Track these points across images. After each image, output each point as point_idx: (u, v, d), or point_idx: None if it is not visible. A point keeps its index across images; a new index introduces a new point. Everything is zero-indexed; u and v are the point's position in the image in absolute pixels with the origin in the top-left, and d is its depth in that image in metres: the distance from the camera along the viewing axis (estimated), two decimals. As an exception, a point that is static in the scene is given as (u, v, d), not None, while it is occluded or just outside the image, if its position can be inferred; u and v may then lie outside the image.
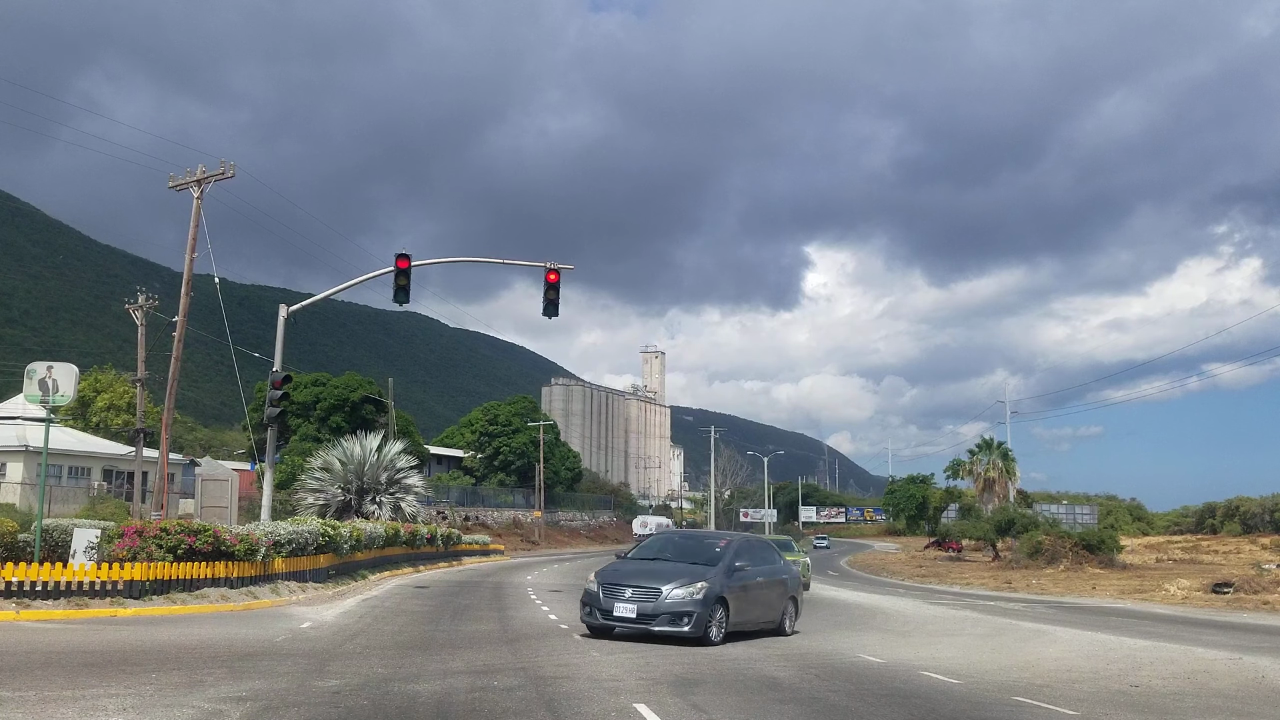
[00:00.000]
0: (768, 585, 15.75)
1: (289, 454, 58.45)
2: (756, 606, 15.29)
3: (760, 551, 16.46)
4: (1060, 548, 49.89)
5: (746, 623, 14.98)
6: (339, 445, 37.83)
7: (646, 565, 14.96)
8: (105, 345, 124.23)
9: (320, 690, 9.40)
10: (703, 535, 17.02)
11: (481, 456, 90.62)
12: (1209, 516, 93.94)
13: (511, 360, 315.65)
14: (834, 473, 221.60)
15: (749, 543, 16.55)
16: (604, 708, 8.99)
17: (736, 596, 14.50)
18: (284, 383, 24.94)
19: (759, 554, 16.21)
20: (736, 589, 14.56)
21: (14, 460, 51.15)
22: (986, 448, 72.78)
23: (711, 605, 13.76)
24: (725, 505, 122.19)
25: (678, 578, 13.91)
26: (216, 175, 28.26)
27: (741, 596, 14.69)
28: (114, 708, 8.18)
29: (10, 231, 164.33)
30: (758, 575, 15.43)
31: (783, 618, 16.19)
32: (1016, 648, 16.26)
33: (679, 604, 13.61)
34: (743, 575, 14.85)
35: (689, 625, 13.51)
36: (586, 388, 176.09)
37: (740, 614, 14.64)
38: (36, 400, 17.63)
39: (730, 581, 14.43)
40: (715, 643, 13.77)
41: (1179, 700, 10.78)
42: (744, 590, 14.79)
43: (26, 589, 15.69)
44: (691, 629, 13.52)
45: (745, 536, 17.40)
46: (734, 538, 16.19)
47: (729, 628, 14.24)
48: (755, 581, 15.27)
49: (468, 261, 34.11)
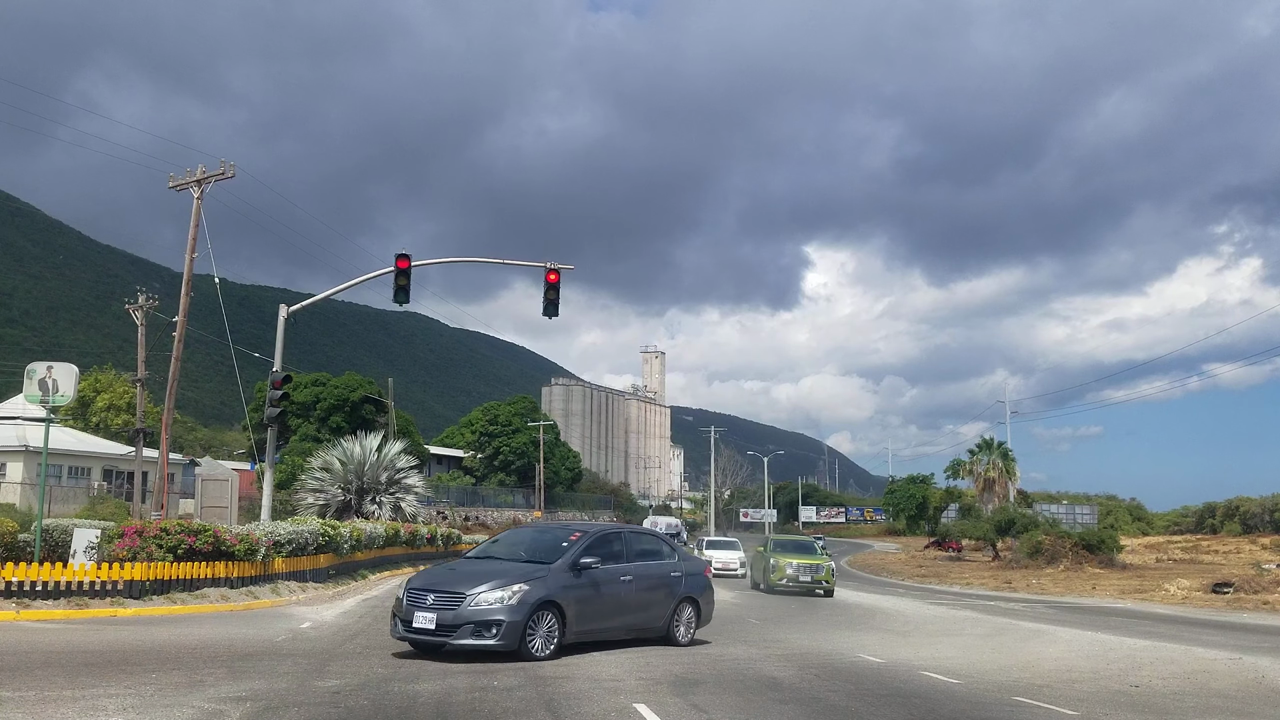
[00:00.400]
0: (642, 585, 13.45)
1: (289, 454, 58.46)
2: (621, 610, 13.10)
3: (636, 544, 14.01)
4: (1060, 548, 49.88)
5: (602, 630, 12.86)
6: (339, 445, 37.80)
7: (474, 566, 12.91)
8: (105, 345, 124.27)
9: (320, 690, 9.40)
10: (558, 528, 14.49)
11: (481, 456, 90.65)
12: (1209, 516, 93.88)
13: (511, 360, 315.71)
14: (834, 473, 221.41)
15: (614, 536, 13.90)
16: (604, 708, 8.99)
17: (581, 599, 12.30)
18: (284, 383, 24.94)
19: (632, 548, 13.77)
20: (581, 590, 12.35)
21: (14, 460, 51.17)
22: (986, 448, 72.79)
23: (532, 612, 11.53)
24: (725, 505, 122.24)
25: (493, 579, 11.71)
26: (216, 175, 28.28)
27: (590, 600, 12.50)
28: (114, 708, 8.18)
29: (10, 231, 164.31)
30: (624, 574, 13.14)
31: (670, 623, 13.91)
32: (1016, 648, 16.27)
33: (485, 611, 11.37)
34: (593, 574, 12.57)
35: (497, 637, 11.29)
36: (586, 388, 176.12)
37: (589, 620, 12.49)
38: (36, 400, 17.63)
39: (573, 582, 12.26)
40: (541, 657, 11.55)
41: (1179, 700, 10.78)
42: (594, 591, 12.59)
43: (26, 589, 15.69)
44: (500, 641, 11.30)
45: (612, 528, 14.87)
46: (593, 529, 13.74)
47: (570, 638, 12.11)
48: (619, 580, 13.02)
49: (467, 261, 34.12)
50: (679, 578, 14.20)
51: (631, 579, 13.26)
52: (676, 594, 14.05)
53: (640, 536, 14.89)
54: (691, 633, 14.29)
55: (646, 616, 13.62)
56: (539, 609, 11.68)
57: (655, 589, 13.74)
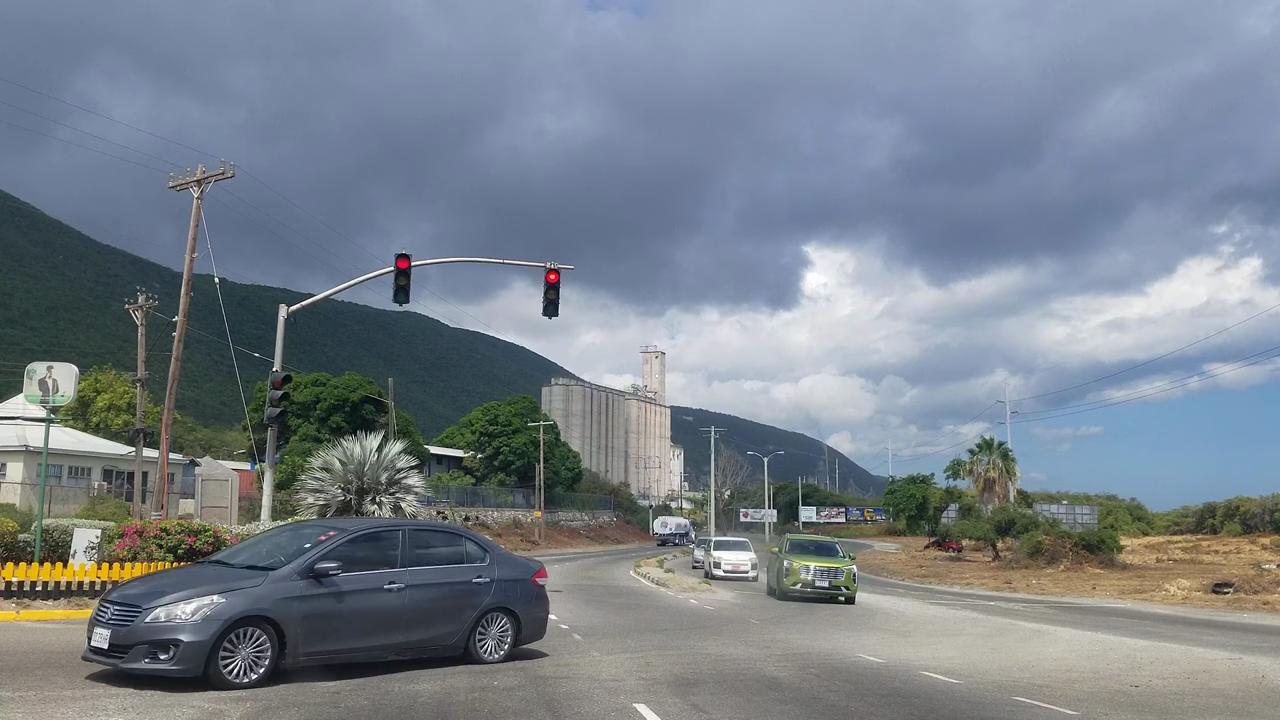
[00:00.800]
0: (423, 595, 11.17)
1: (289, 454, 58.46)
2: (387, 626, 10.85)
3: (419, 545, 11.64)
4: (1060, 548, 49.89)
5: (352, 651, 10.57)
6: (339, 445, 37.61)
7: (188, 573, 11.16)
8: (105, 345, 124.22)
9: (320, 690, 9.41)
10: (314, 526, 12.46)
11: (481, 456, 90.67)
12: (1209, 516, 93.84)
13: (511, 360, 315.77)
14: (834, 473, 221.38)
15: (383, 534, 11.59)
16: (604, 708, 9.00)
17: (313, 614, 10.12)
18: (284, 383, 24.95)
19: (412, 549, 11.40)
20: (316, 602, 10.18)
21: (14, 460, 51.18)
22: (986, 448, 72.81)
23: (226, 629, 9.46)
24: (725, 505, 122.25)
25: (187, 588, 9.78)
26: (216, 175, 28.29)
27: (330, 614, 10.29)
28: (114, 708, 8.19)
29: (10, 231, 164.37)
30: (390, 581, 10.88)
31: (470, 639, 11.58)
32: (1016, 648, 16.27)
33: (161, 629, 9.36)
34: (336, 582, 10.37)
35: (173, 660, 9.24)
36: (586, 388, 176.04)
37: (328, 639, 10.28)
38: (36, 400, 17.64)
39: (303, 592, 10.12)
40: (243, 685, 9.39)
41: (1179, 700, 10.79)
42: (336, 603, 10.36)
43: (27, 589, 15.71)
44: (177, 665, 9.23)
45: (384, 524, 13.06)
46: (353, 527, 11.55)
47: (297, 661, 9.96)
48: (382, 589, 10.80)
49: (467, 261, 34.07)
50: (485, 584, 11.83)
51: (403, 586, 10.97)
52: (480, 604, 11.71)
53: (429, 535, 12.42)
54: (504, 649, 11.88)
55: (430, 632, 11.27)
56: (237, 626, 9.56)
57: (445, 598, 11.47)
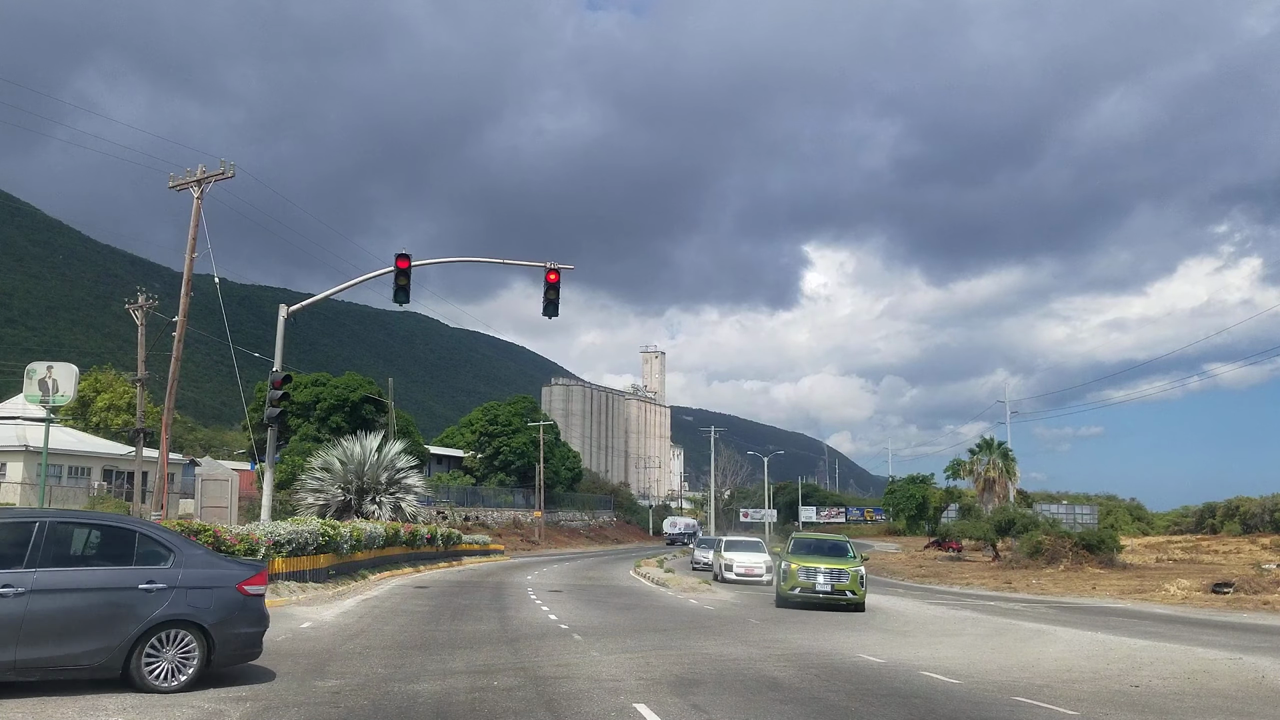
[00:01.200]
0: (56, 602, 8.65)
1: (289, 454, 58.46)
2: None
3: (67, 540, 9.17)
4: (1060, 548, 49.86)
5: None
6: (339, 445, 37.88)
7: None
8: (105, 345, 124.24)
9: (320, 690, 9.41)
10: None
11: (481, 456, 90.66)
12: (1209, 516, 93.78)
13: (511, 360, 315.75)
14: (834, 473, 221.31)
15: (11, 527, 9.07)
16: (604, 708, 9.00)
17: None
18: (284, 383, 24.93)
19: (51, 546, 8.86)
20: None
21: (14, 460, 51.18)
22: (986, 448, 72.82)
23: None
24: (725, 505, 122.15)
25: None
26: (216, 175, 28.29)
27: None
28: (114, 707, 8.19)
29: (10, 231, 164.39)
30: (3, 585, 8.46)
31: (130, 660, 8.92)
32: (1016, 648, 16.27)
33: None
34: None
35: None
36: (586, 388, 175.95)
37: None
38: (36, 400, 17.68)
39: None
40: None
41: (1179, 700, 10.79)
42: None
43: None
44: None
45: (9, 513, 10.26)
46: None
47: None
48: None
49: (467, 261, 34.11)
50: (158, 591, 9.09)
51: (23, 591, 8.53)
52: (145, 615, 9.01)
53: (82, 530, 9.52)
54: (186, 674, 9.11)
55: (63, 649, 8.69)
56: None
57: (90, 608, 8.85)
